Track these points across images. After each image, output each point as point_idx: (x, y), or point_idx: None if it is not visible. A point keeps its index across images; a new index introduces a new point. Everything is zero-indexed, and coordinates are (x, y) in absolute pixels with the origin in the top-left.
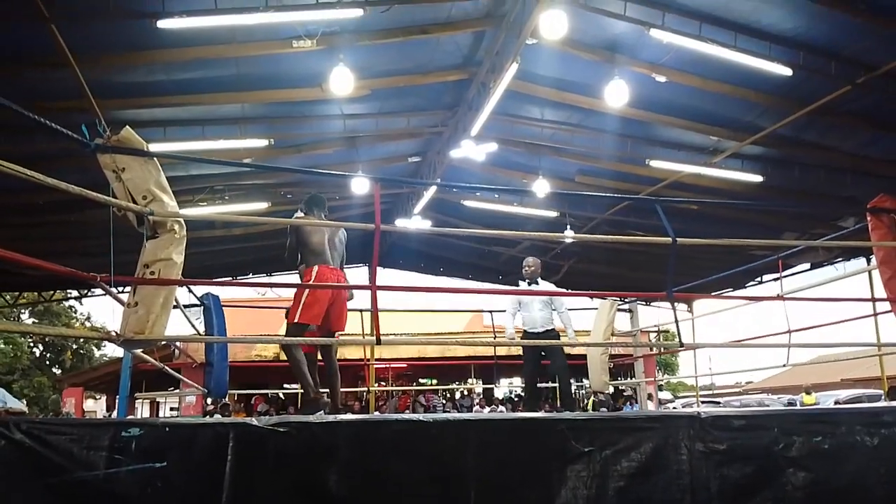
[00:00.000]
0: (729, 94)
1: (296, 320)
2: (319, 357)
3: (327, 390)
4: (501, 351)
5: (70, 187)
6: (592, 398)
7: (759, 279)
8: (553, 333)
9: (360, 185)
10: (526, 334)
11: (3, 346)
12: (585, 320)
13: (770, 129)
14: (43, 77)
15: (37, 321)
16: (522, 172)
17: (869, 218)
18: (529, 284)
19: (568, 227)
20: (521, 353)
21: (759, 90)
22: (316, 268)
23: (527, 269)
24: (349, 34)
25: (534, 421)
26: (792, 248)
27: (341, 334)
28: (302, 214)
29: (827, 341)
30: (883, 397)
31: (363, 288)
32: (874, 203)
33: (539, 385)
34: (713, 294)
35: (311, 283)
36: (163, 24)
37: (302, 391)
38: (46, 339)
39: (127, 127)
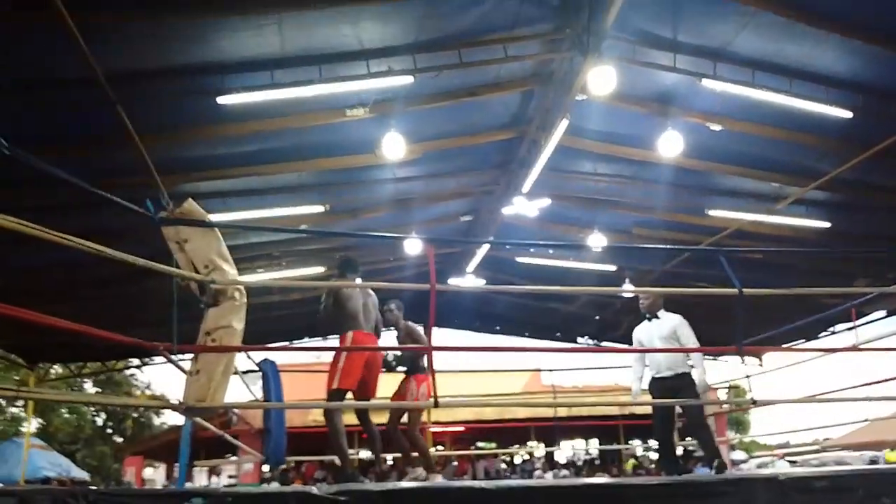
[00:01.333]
0: (787, 140)
1: (335, 386)
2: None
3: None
4: (562, 412)
5: (137, 260)
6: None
7: (832, 329)
8: (688, 378)
9: (414, 246)
10: (652, 381)
11: (67, 415)
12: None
13: (833, 174)
14: (109, 155)
15: (99, 390)
16: (577, 227)
17: None
18: (650, 320)
19: (627, 280)
20: (581, 413)
21: (818, 134)
22: (351, 333)
23: (643, 301)
24: (400, 100)
25: (602, 487)
26: (865, 296)
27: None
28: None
29: None
30: None
31: (419, 349)
32: None
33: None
34: (784, 346)
35: (351, 347)
36: (223, 100)
37: (340, 462)
38: (108, 408)
39: (189, 199)
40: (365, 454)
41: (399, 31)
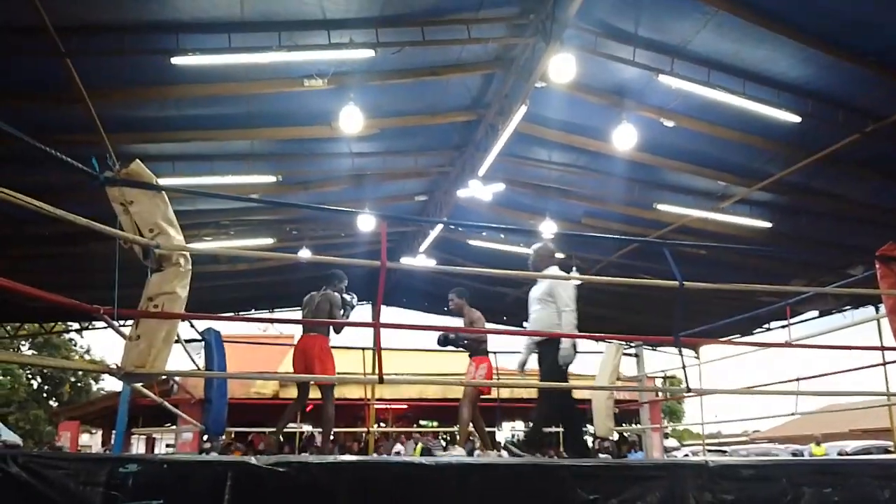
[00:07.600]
0: (737, 140)
1: None
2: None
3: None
4: (504, 393)
5: (77, 218)
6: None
7: (766, 326)
8: (549, 344)
9: (367, 223)
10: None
11: (1, 377)
12: (591, 364)
13: (778, 176)
14: (55, 110)
15: (36, 353)
16: (529, 213)
17: (878, 266)
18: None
19: (574, 269)
20: (525, 395)
21: (767, 137)
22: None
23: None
24: (360, 74)
25: (537, 467)
26: (800, 295)
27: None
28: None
29: (836, 390)
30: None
31: (366, 325)
32: (883, 251)
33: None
34: (721, 340)
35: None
36: (177, 60)
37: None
38: (45, 372)
39: (137, 160)
40: (308, 428)
41: (363, 2)
